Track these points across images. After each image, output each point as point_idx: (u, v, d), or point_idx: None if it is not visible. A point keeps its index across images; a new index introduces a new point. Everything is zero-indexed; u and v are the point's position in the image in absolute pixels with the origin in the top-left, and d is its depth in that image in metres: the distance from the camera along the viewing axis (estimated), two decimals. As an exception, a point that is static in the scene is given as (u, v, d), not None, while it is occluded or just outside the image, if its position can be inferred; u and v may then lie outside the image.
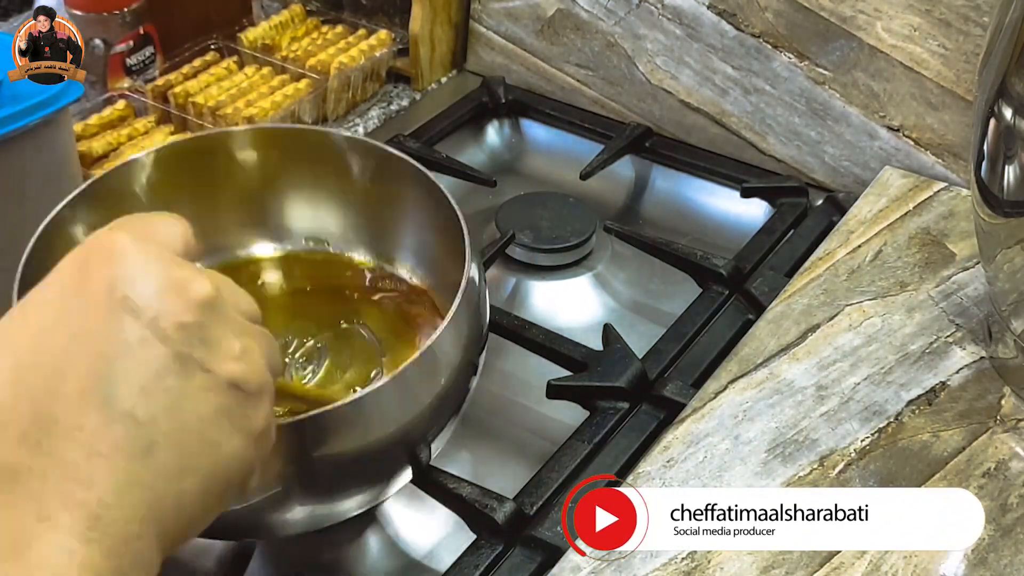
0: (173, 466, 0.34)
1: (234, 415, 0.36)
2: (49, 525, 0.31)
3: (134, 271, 0.35)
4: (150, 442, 0.33)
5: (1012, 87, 0.61)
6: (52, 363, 0.33)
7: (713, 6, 0.90)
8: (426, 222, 0.68)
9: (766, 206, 0.89)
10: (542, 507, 0.62)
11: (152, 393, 0.34)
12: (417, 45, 1.00)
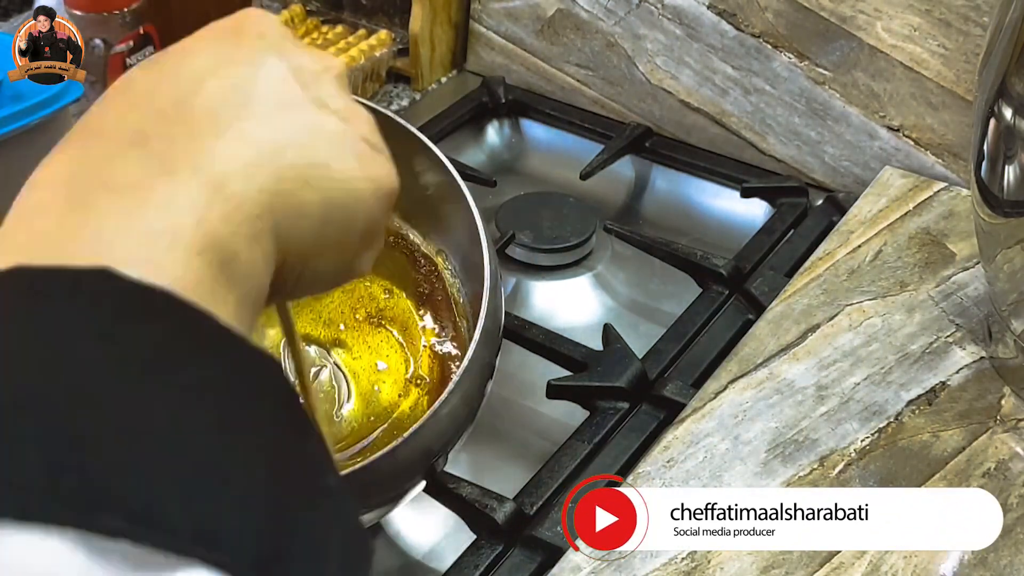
0: (301, 173, 0.33)
1: (366, 163, 0.36)
2: (174, 179, 0.30)
3: (281, 29, 0.37)
4: (281, 144, 0.33)
5: (1012, 87, 0.61)
6: (197, 73, 0.34)
7: (713, 6, 0.90)
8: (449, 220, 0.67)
9: (766, 206, 0.89)
10: (542, 507, 0.62)
11: (291, 114, 0.34)
12: (417, 45, 1.00)
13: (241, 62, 0.35)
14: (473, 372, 0.57)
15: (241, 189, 0.31)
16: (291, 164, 0.33)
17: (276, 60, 0.35)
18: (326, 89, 0.36)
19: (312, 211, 0.34)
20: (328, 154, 0.35)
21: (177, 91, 0.33)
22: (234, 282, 0.30)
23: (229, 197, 0.31)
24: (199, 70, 0.34)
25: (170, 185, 0.30)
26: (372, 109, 0.66)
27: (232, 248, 0.30)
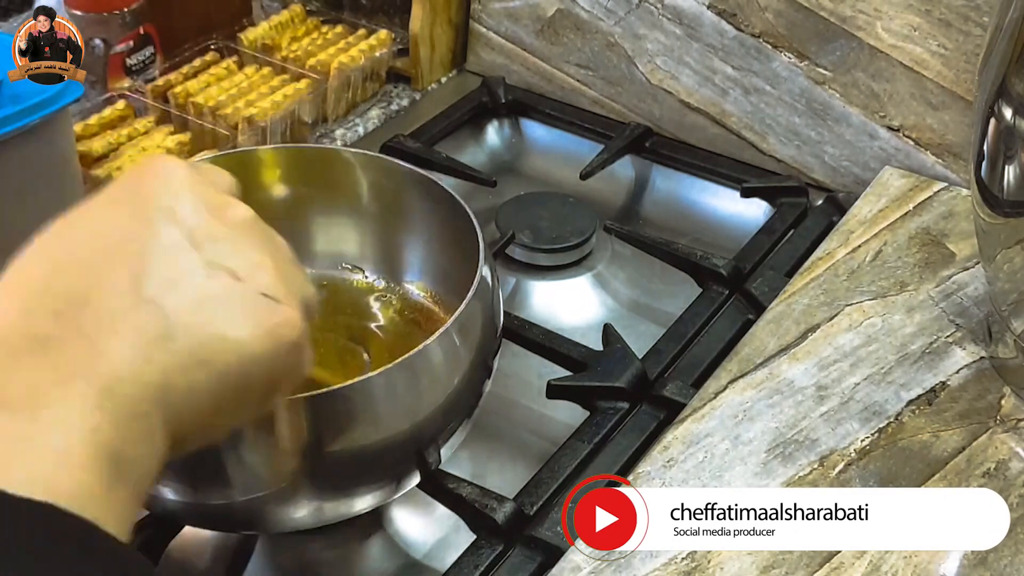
0: (190, 357, 0.35)
1: (261, 319, 0.37)
2: (65, 390, 0.32)
3: (180, 188, 0.39)
4: (169, 330, 0.35)
5: (1012, 87, 0.61)
6: (92, 258, 0.36)
7: (713, 6, 0.90)
8: (440, 235, 0.68)
9: (766, 206, 0.89)
10: (542, 507, 0.62)
11: (180, 288, 0.36)
12: (417, 45, 1.00)
13: (136, 236, 0.37)
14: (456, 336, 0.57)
15: (130, 390, 0.33)
16: (180, 350, 0.35)
17: (169, 229, 0.37)
18: (221, 247, 0.38)
19: (204, 388, 0.35)
20: (220, 323, 0.36)
21: (72, 284, 0.35)
22: (124, 479, 0.32)
23: (119, 402, 0.33)
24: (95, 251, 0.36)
25: (63, 397, 0.32)
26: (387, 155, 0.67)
27: (122, 452, 0.32)
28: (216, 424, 0.38)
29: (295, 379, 0.41)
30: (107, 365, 0.33)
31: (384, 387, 0.54)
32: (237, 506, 0.56)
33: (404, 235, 0.71)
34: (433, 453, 0.59)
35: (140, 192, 0.38)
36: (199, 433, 0.37)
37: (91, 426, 0.32)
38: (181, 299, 0.36)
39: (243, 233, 0.39)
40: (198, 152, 0.85)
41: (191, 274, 0.37)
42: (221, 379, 0.36)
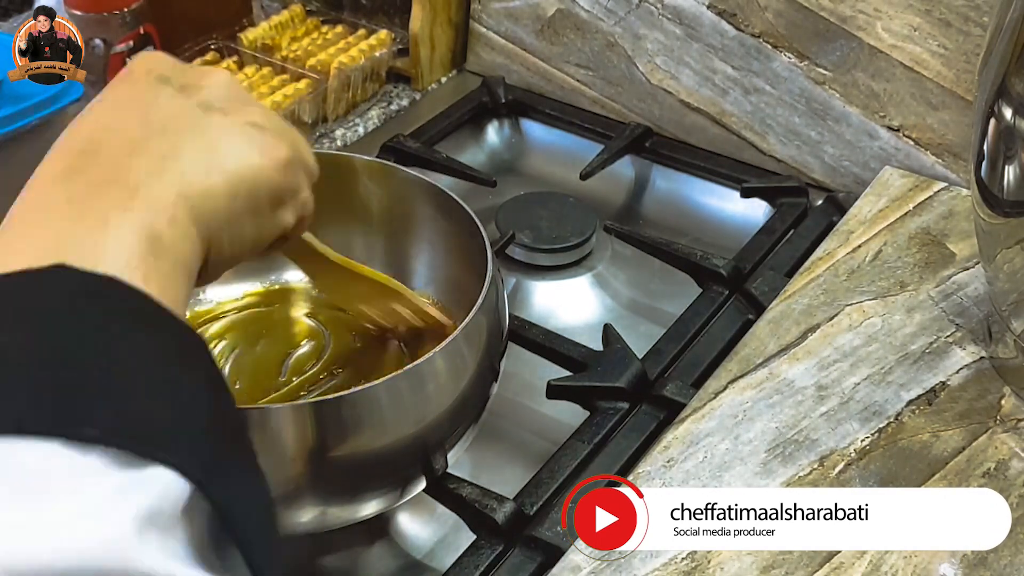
0: (199, 164, 0.41)
1: (253, 140, 0.44)
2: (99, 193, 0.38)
3: (168, 62, 0.46)
4: (179, 149, 0.41)
5: (1012, 87, 0.61)
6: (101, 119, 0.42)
7: (713, 6, 0.90)
8: (447, 243, 0.68)
9: (766, 206, 0.89)
10: (542, 507, 0.62)
11: (181, 123, 0.42)
12: (417, 45, 1.00)
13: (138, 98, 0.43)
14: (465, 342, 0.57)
15: (156, 188, 0.39)
16: (191, 160, 0.41)
17: (163, 87, 0.44)
18: (210, 94, 0.45)
19: (218, 190, 0.42)
20: (219, 143, 0.43)
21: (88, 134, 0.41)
22: (162, 255, 0.38)
23: (145, 195, 0.39)
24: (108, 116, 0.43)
25: (98, 196, 0.38)
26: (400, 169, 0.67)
27: (156, 229, 0.38)
28: (238, 230, 0.44)
29: (296, 200, 0.49)
30: (132, 174, 0.39)
31: (390, 395, 0.54)
32: None
33: (410, 242, 0.71)
34: (439, 459, 0.60)
35: (132, 72, 0.45)
36: (228, 236, 0.43)
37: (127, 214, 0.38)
38: (184, 129, 0.42)
39: (228, 87, 0.46)
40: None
41: (189, 113, 0.43)
42: (229, 183, 0.42)
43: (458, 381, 0.58)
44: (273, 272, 0.72)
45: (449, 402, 0.57)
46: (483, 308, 0.58)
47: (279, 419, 0.53)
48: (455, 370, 0.57)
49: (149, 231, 0.38)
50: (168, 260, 0.38)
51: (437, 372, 0.56)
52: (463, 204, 0.65)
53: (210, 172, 0.42)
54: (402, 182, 0.69)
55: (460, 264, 0.66)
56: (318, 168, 0.52)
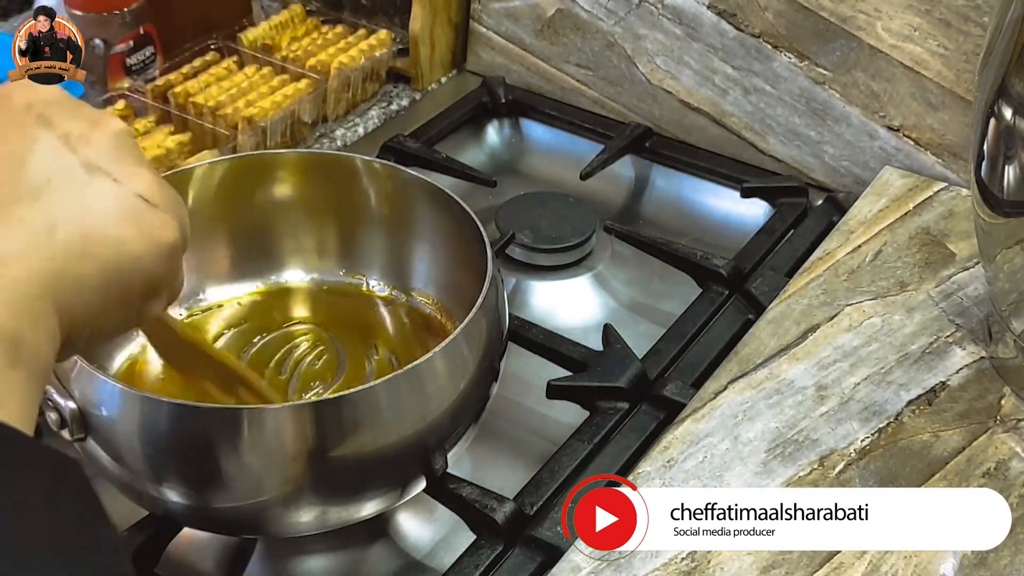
0: (75, 247, 0.36)
1: (141, 221, 0.39)
2: None
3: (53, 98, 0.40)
4: (53, 221, 0.36)
5: (1012, 87, 0.61)
6: None
7: (713, 6, 0.90)
8: (447, 243, 0.69)
9: (766, 206, 0.89)
10: (542, 507, 0.62)
11: (60, 186, 0.37)
12: (417, 45, 1.00)
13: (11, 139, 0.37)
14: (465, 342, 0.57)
15: (20, 274, 0.34)
16: (65, 240, 0.35)
17: (44, 132, 0.37)
18: (97, 151, 0.39)
19: (91, 282, 0.36)
20: (101, 220, 0.37)
21: None
22: (20, 363, 0.33)
23: (10, 285, 0.33)
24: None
25: None
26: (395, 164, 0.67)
27: (17, 334, 0.33)
28: (104, 321, 0.39)
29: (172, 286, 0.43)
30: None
31: (390, 395, 0.54)
32: (241, 510, 0.56)
33: (411, 242, 0.71)
34: (439, 459, 0.60)
35: (12, 101, 0.39)
36: (89, 328, 0.38)
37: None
38: (62, 196, 0.37)
39: (119, 142, 0.40)
40: (198, 152, 0.85)
41: (69, 173, 0.37)
42: (104, 273, 0.37)
43: (458, 381, 0.58)
44: (273, 272, 0.72)
45: (449, 402, 0.57)
46: (483, 308, 0.58)
47: (279, 419, 0.53)
48: (455, 370, 0.57)
49: (10, 337, 0.33)
50: (25, 369, 0.33)
51: (437, 372, 0.56)
52: (463, 204, 0.65)
53: (83, 258, 0.36)
54: (402, 182, 0.69)
55: (460, 264, 0.67)
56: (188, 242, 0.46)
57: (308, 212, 0.71)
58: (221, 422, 0.53)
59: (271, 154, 0.74)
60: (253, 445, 0.53)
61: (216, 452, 0.53)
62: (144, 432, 0.53)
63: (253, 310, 0.70)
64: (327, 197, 0.71)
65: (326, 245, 0.73)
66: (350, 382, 0.65)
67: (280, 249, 0.72)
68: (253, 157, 0.73)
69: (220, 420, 0.53)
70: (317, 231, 0.72)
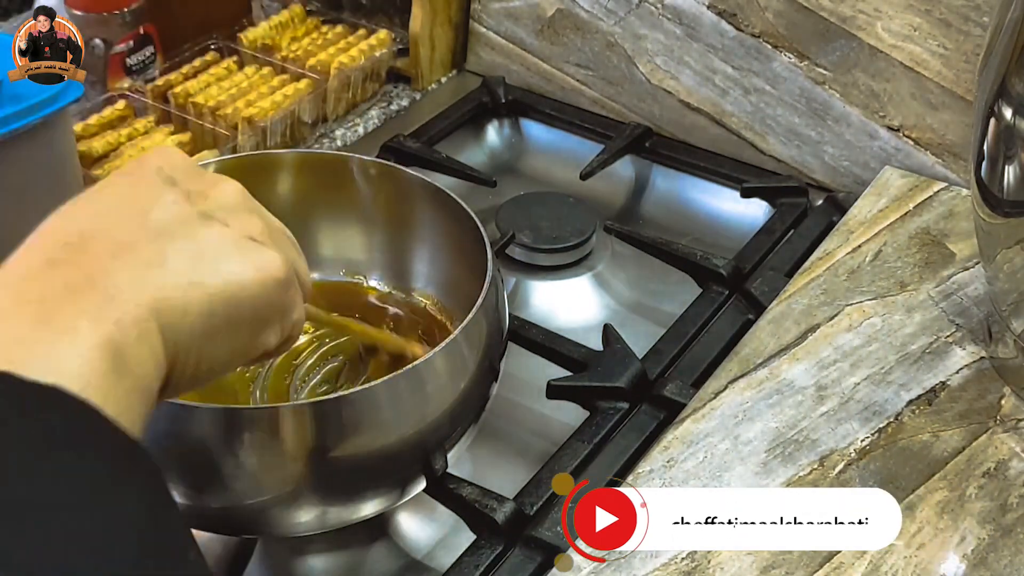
0: (182, 277, 0.39)
1: (248, 254, 0.42)
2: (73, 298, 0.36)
3: (178, 162, 0.44)
4: (165, 255, 0.39)
5: (1012, 87, 0.61)
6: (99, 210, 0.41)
7: (713, 6, 0.90)
8: (447, 243, 0.69)
9: (766, 206, 0.89)
10: (542, 507, 0.62)
11: (176, 231, 0.41)
12: (417, 45, 1.00)
13: (140, 198, 0.41)
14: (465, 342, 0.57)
15: (130, 297, 0.37)
16: (174, 272, 0.39)
17: (169, 188, 0.42)
18: (213, 204, 0.43)
19: (195, 308, 0.39)
20: (210, 256, 0.41)
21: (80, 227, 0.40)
22: (123, 373, 0.36)
23: (120, 305, 0.37)
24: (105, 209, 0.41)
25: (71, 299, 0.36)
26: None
27: (123, 345, 0.36)
28: (211, 351, 0.41)
29: (285, 321, 0.46)
30: (113, 278, 0.37)
31: (390, 395, 0.54)
32: (241, 510, 0.56)
33: (411, 242, 0.71)
34: (440, 459, 0.60)
35: (142, 167, 0.43)
36: (196, 357, 0.40)
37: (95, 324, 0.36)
38: (176, 238, 0.40)
39: (235, 199, 0.44)
40: (198, 152, 0.85)
41: (186, 220, 0.41)
42: (212, 301, 0.40)
43: (458, 381, 0.58)
44: None
45: (449, 402, 0.57)
46: (483, 308, 0.58)
47: (279, 419, 0.53)
48: (455, 370, 0.57)
49: (115, 347, 0.36)
50: (129, 380, 0.36)
51: (437, 372, 0.56)
52: (463, 204, 0.65)
53: (191, 286, 0.40)
54: (402, 182, 0.69)
55: (460, 264, 0.66)
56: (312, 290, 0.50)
57: (308, 212, 0.71)
58: (221, 422, 0.53)
59: (271, 154, 0.74)
60: (253, 445, 0.53)
61: (216, 452, 0.53)
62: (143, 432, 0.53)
63: None
64: (327, 197, 0.71)
65: (326, 245, 0.72)
66: (350, 382, 0.65)
67: None
68: (253, 157, 0.73)
69: (220, 420, 0.53)
70: (317, 231, 0.72)
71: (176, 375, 0.40)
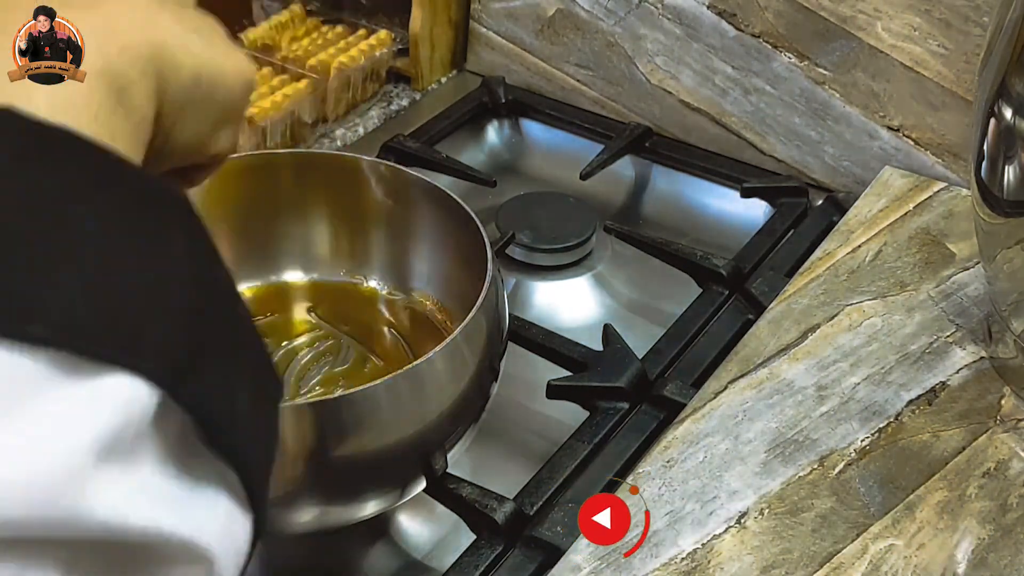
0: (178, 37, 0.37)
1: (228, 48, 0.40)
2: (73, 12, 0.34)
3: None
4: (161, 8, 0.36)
5: (1012, 87, 0.61)
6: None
7: (713, 6, 0.90)
8: (447, 243, 0.69)
9: (766, 206, 0.89)
10: (542, 507, 0.62)
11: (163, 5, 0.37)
12: (417, 45, 1.00)
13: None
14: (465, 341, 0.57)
15: (133, 31, 0.35)
16: (170, 28, 0.36)
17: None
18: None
19: (185, 72, 0.37)
20: (199, 31, 0.38)
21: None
22: (128, 110, 0.33)
23: (122, 37, 0.34)
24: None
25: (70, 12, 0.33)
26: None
27: (126, 76, 0.33)
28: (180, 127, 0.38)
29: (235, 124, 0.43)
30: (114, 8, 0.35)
31: (390, 395, 0.54)
32: None
33: (411, 242, 0.71)
34: (439, 459, 0.60)
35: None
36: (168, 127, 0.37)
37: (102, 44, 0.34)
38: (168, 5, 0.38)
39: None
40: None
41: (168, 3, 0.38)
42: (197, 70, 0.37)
43: (458, 381, 0.58)
44: (273, 272, 0.72)
45: (449, 402, 0.57)
46: (483, 308, 0.58)
47: None
48: (455, 370, 0.57)
49: (120, 78, 0.33)
50: (134, 119, 0.33)
51: (437, 372, 0.56)
52: (463, 204, 0.65)
53: (185, 48, 0.37)
54: (402, 182, 0.69)
55: (460, 264, 0.67)
56: None
57: (308, 212, 0.71)
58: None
59: (271, 154, 0.74)
60: None
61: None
62: None
63: (252, 310, 0.70)
64: (327, 197, 0.71)
65: (326, 245, 0.72)
66: (350, 382, 0.65)
67: (280, 249, 0.72)
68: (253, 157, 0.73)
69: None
70: (317, 231, 0.72)
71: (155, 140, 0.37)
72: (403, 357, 0.67)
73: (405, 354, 0.67)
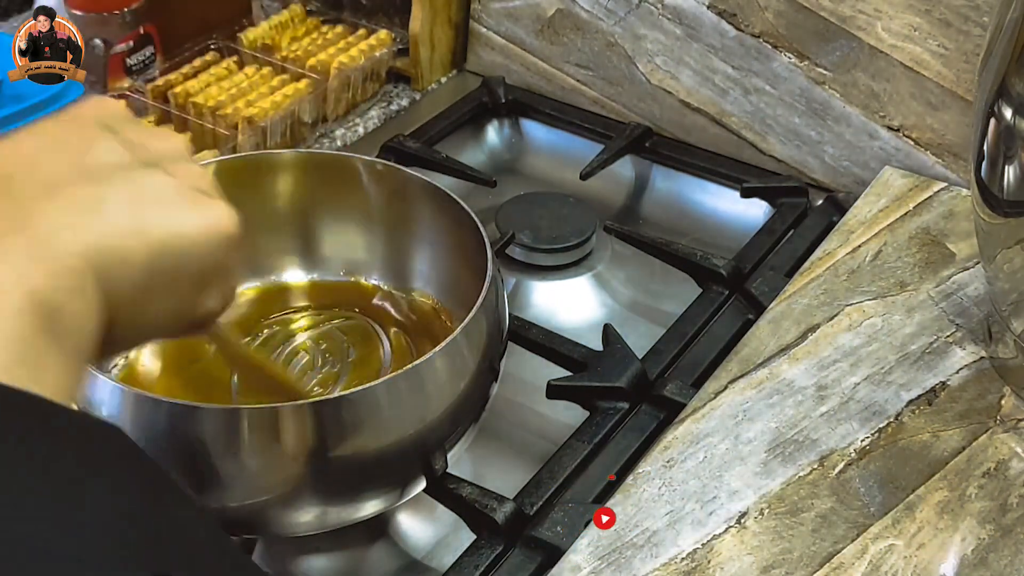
0: (122, 224, 0.36)
1: (197, 203, 0.39)
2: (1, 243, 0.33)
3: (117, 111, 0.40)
4: (105, 202, 0.36)
5: (1012, 87, 0.61)
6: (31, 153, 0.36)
7: (713, 6, 0.90)
8: (447, 242, 0.69)
9: (766, 206, 0.89)
10: (542, 507, 0.62)
11: (116, 176, 0.37)
12: (417, 45, 1.00)
13: (75, 142, 0.37)
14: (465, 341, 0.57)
15: (64, 245, 0.33)
16: (113, 218, 0.35)
17: (108, 136, 0.38)
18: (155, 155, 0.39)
19: (136, 258, 0.36)
20: (153, 203, 0.37)
21: (10, 167, 0.35)
22: (58, 335, 0.32)
23: (52, 253, 0.33)
24: (34, 150, 0.36)
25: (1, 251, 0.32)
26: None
27: (56, 302, 0.32)
28: (150, 309, 0.38)
29: (226, 284, 0.42)
30: (43, 221, 0.34)
31: (390, 395, 0.54)
32: (240, 510, 0.56)
33: (411, 242, 0.71)
34: (439, 459, 0.60)
35: (79, 113, 0.40)
36: (133, 314, 0.37)
37: (24, 273, 0.32)
38: (118, 183, 0.36)
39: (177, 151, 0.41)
40: (198, 152, 0.85)
41: (127, 167, 0.37)
42: (151, 252, 0.36)
43: (458, 381, 0.58)
44: (273, 272, 0.72)
45: (449, 402, 0.57)
46: (483, 308, 0.58)
47: (279, 419, 0.53)
48: (455, 370, 0.57)
49: (49, 305, 0.32)
50: (67, 342, 0.32)
51: (437, 372, 0.56)
52: (463, 204, 0.65)
53: (132, 234, 0.36)
54: (402, 182, 0.69)
55: (460, 264, 0.67)
56: None
57: (308, 212, 0.71)
58: (221, 422, 0.53)
59: (271, 154, 0.74)
60: (253, 445, 0.53)
61: (216, 452, 0.53)
62: (143, 432, 0.53)
63: (252, 310, 0.70)
64: (327, 197, 0.71)
65: (326, 245, 0.73)
66: (350, 382, 0.65)
67: (280, 249, 0.72)
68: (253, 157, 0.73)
69: (220, 420, 0.53)
70: (317, 231, 0.72)
71: (115, 331, 0.36)
72: (403, 357, 0.67)
73: (405, 354, 0.67)
